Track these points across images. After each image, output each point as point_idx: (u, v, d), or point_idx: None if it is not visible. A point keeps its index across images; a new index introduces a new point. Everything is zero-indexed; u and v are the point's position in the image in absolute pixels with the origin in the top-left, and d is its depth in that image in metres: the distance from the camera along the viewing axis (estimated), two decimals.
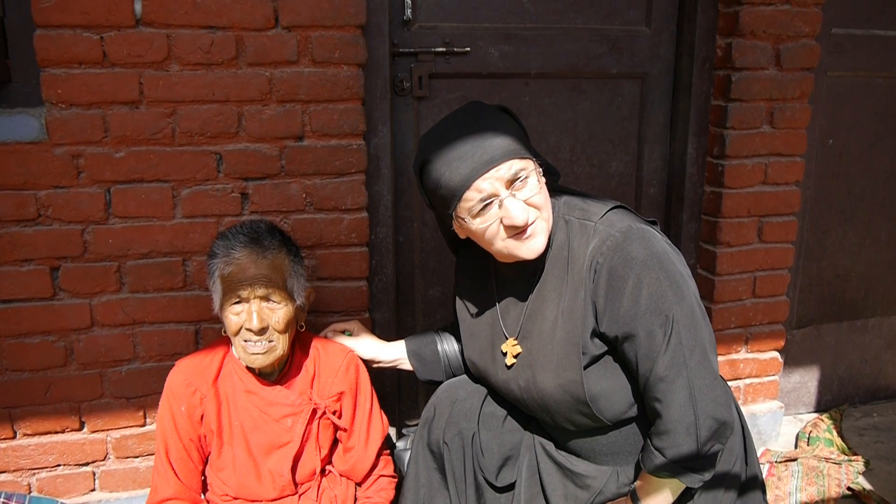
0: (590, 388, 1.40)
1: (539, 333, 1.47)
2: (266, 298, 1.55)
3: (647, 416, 1.43)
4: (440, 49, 2.14)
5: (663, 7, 2.33)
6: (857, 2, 2.46)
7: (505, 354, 1.56)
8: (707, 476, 1.36)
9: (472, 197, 1.34)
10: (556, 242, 1.45)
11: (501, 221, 1.35)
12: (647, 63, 2.36)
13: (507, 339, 1.56)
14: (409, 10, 2.09)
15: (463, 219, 1.38)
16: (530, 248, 1.38)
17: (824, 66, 2.45)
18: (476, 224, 1.37)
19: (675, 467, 1.34)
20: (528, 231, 1.36)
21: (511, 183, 1.33)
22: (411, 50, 2.12)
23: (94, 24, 1.74)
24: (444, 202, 1.38)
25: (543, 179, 1.40)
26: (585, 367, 1.40)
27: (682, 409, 1.31)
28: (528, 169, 1.35)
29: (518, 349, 1.53)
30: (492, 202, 1.34)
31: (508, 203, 1.33)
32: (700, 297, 1.39)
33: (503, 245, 1.38)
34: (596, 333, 1.39)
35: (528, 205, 1.35)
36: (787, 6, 2.23)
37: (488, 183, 1.32)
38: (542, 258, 1.45)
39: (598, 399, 1.42)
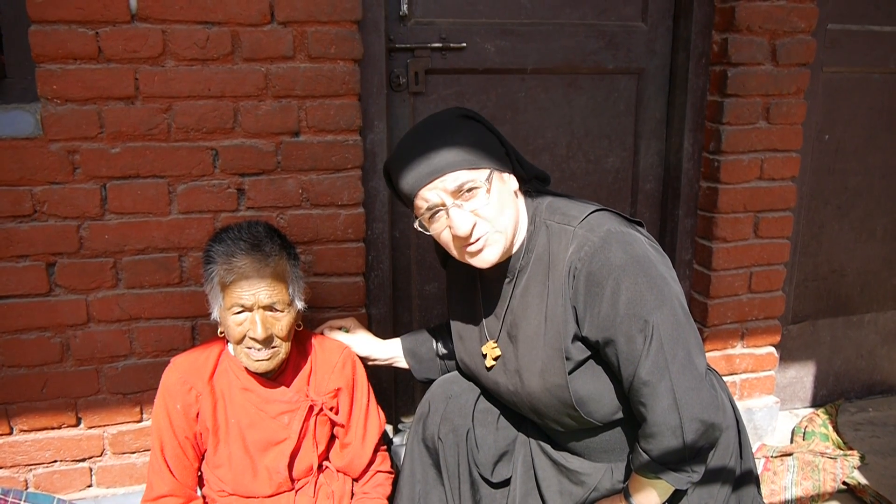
0: (577, 392, 1.41)
1: (525, 338, 1.47)
2: (270, 308, 1.54)
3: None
4: (436, 45, 2.14)
5: (659, 2, 2.33)
6: None
7: (485, 356, 1.57)
8: (696, 478, 1.36)
9: (420, 205, 1.39)
10: (538, 248, 1.45)
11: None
12: (644, 59, 2.36)
13: (487, 341, 1.57)
14: (405, 6, 2.08)
15: (423, 223, 1.44)
16: (481, 259, 1.40)
17: (820, 62, 2.46)
18: (432, 230, 1.42)
19: (662, 469, 1.35)
20: (479, 243, 1.37)
21: (458, 194, 1.35)
22: (407, 45, 2.12)
23: (89, 19, 1.74)
24: (406, 205, 1.45)
25: (510, 187, 1.41)
26: (571, 372, 1.40)
27: (667, 413, 1.30)
28: (478, 180, 1.35)
29: (497, 352, 1.54)
30: (440, 211, 1.37)
31: (452, 213, 1.35)
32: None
33: (458, 253, 1.42)
34: (578, 338, 1.39)
35: (477, 215, 1.36)
36: (783, 2, 2.23)
37: (434, 193, 1.36)
38: (523, 262, 1.46)
39: (586, 402, 1.42)
